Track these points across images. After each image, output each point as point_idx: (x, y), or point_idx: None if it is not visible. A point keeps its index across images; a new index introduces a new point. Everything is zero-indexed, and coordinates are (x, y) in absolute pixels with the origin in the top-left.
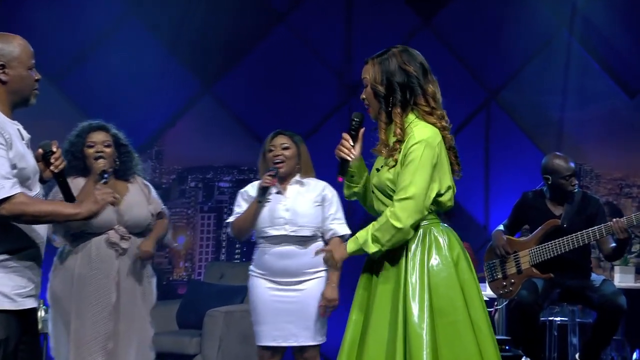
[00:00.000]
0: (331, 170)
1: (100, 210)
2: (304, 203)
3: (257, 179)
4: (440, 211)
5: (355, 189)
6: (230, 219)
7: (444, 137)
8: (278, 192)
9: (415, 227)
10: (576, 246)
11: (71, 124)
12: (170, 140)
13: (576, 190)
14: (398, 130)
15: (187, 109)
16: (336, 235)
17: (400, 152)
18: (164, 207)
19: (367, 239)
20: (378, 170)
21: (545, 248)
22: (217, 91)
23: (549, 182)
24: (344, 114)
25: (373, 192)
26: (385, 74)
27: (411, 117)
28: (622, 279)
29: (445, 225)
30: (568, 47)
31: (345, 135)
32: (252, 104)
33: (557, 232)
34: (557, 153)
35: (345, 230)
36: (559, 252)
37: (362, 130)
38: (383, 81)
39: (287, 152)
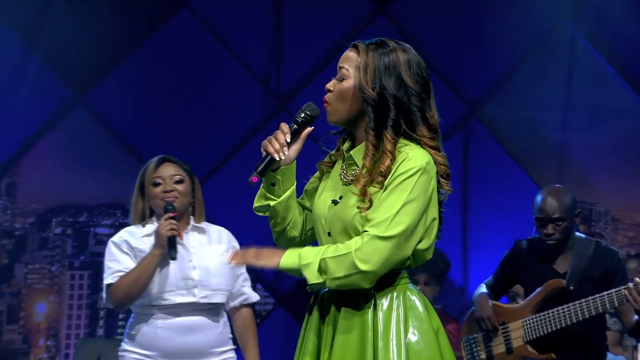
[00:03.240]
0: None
1: None
2: (214, 258)
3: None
4: (410, 266)
5: (272, 203)
6: (110, 280)
7: (439, 185)
8: None
9: (388, 280)
10: (586, 316)
11: None
12: (28, 168)
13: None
14: (388, 162)
15: (52, 126)
16: (248, 303)
17: (383, 190)
18: None
19: (312, 262)
20: (335, 202)
21: (544, 318)
22: (93, 101)
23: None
24: (271, 132)
25: (330, 233)
26: (379, 77)
27: (405, 141)
28: None
29: (414, 286)
30: (572, 46)
31: (284, 127)
32: (143, 119)
33: (560, 296)
34: (554, 186)
35: (256, 296)
36: (564, 325)
37: (309, 129)
38: (375, 86)
39: (180, 187)
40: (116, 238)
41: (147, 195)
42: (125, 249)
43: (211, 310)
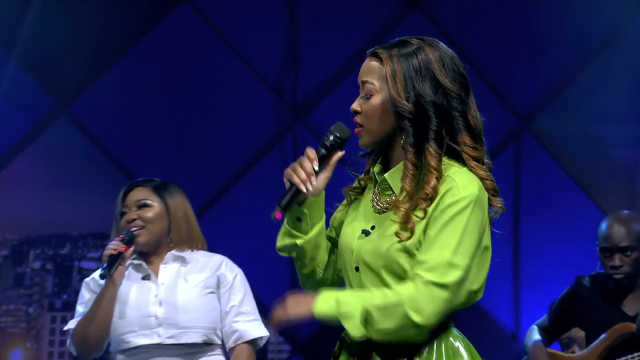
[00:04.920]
0: (268, 236)
1: None
2: (187, 290)
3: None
4: (456, 308)
5: (299, 241)
6: (70, 325)
7: (489, 203)
8: (145, 277)
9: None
10: None
11: None
12: (1, 191)
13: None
14: (433, 181)
15: (30, 141)
16: (243, 341)
17: (425, 217)
18: None
19: (353, 310)
20: (367, 232)
21: None
22: (78, 112)
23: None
24: (286, 149)
25: (357, 268)
26: (411, 84)
27: (446, 160)
28: None
29: (458, 331)
30: None
31: (311, 153)
32: (135, 133)
33: (630, 343)
34: (621, 212)
35: (259, 331)
36: None
37: (339, 154)
38: (409, 95)
39: (146, 213)
40: (90, 276)
41: (119, 226)
42: (92, 288)
43: (189, 353)
